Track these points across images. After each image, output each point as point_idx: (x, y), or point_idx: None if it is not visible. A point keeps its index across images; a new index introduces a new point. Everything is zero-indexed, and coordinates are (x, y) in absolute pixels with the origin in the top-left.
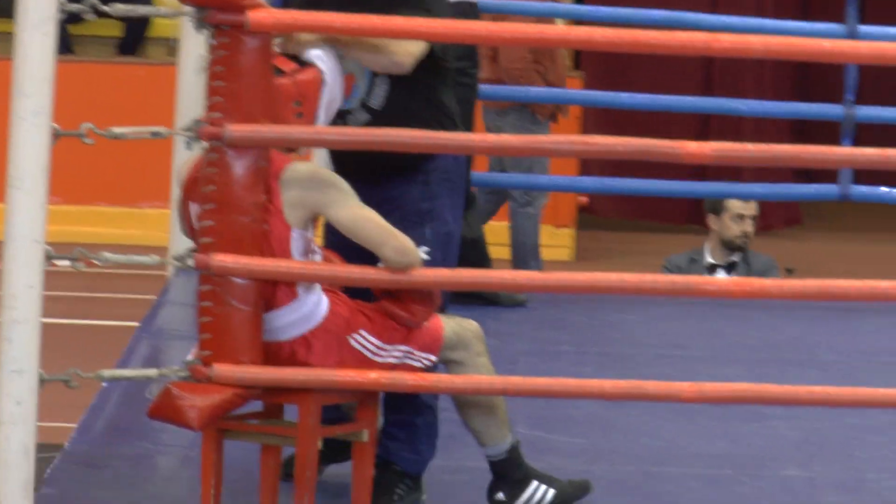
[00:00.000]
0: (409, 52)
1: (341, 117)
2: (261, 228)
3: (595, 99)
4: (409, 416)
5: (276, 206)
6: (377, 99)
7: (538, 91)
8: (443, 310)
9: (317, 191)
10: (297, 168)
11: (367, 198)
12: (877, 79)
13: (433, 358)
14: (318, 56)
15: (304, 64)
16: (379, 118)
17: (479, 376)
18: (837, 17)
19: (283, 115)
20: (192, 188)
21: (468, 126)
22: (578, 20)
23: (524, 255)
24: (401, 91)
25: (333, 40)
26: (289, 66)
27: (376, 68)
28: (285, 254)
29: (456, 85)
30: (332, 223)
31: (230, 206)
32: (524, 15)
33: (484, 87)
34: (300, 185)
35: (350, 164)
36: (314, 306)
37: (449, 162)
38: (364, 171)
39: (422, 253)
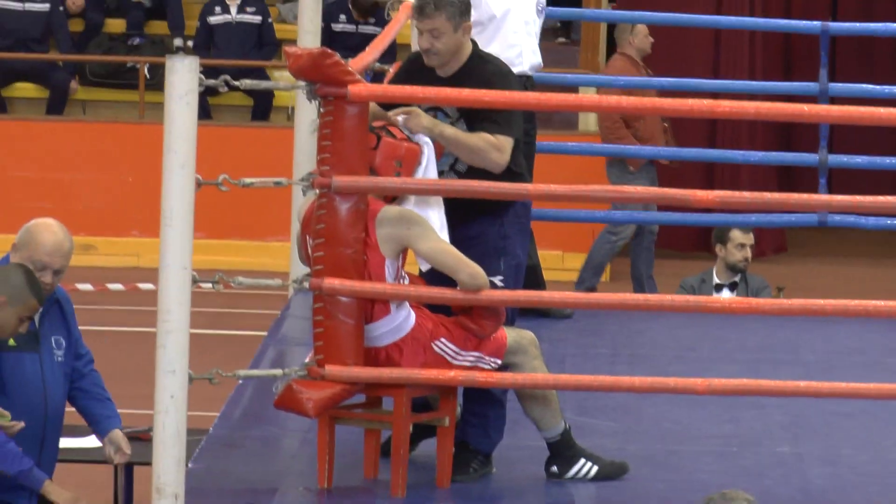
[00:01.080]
0: (503, 160)
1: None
2: (361, 258)
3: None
4: (482, 407)
5: (373, 240)
6: (463, 165)
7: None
8: (511, 323)
9: (404, 228)
10: (388, 210)
11: (455, 236)
12: (849, 129)
13: (498, 361)
14: (425, 141)
15: (411, 140)
16: (463, 178)
17: (536, 374)
18: (812, 76)
19: (385, 168)
20: (308, 225)
21: (531, 175)
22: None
23: (587, 266)
24: None
25: (442, 137)
26: (401, 135)
27: (477, 165)
28: (380, 278)
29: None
30: (417, 254)
31: (336, 240)
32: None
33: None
34: (391, 224)
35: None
36: (404, 320)
37: (518, 206)
38: (454, 214)
39: (497, 281)
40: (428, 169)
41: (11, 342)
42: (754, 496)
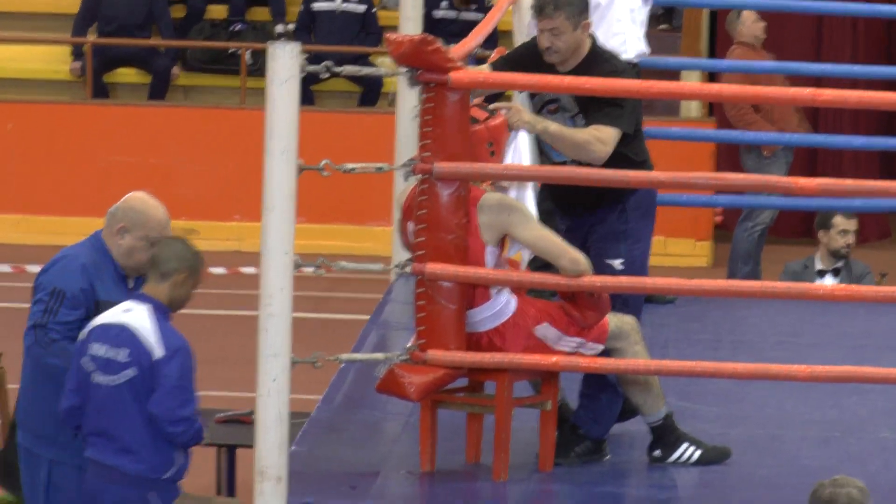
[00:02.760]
0: (605, 152)
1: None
2: (462, 244)
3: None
4: (596, 391)
5: (474, 226)
6: None
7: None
8: (637, 314)
9: (505, 214)
10: (489, 197)
11: (579, 223)
12: None
13: (600, 347)
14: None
15: (493, 113)
16: (583, 165)
17: (638, 359)
18: None
19: (480, 153)
20: (409, 211)
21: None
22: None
23: (735, 258)
24: None
25: (546, 133)
26: (482, 115)
27: (581, 159)
28: (480, 264)
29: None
30: (517, 240)
31: (438, 226)
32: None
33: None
34: (491, 211)
35: (567, 197)
36: (504, 305)
37: (642, 193)
38: (578, 202)
39: (617, 264)
40: (520, 152)
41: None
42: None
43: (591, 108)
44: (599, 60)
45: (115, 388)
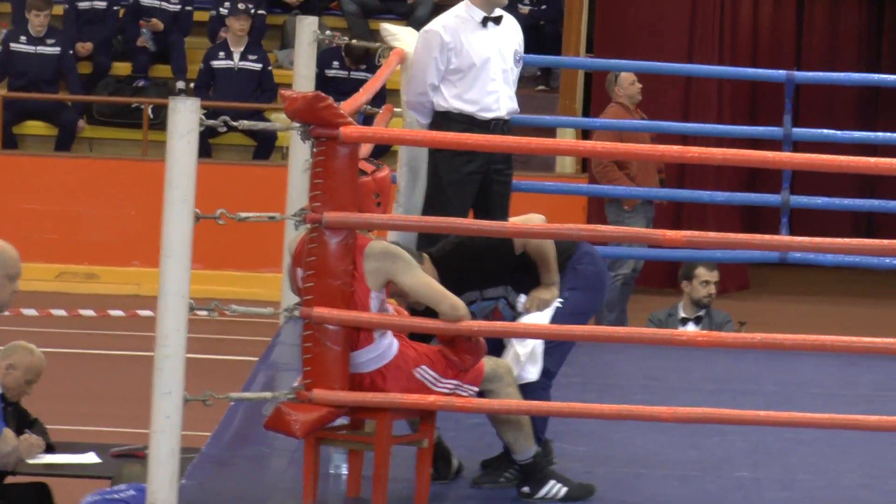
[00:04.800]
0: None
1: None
2: (348, 289)
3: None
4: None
5: (360, 273)
6: (513, 294)
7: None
8: (552, 377)
9: (389, 262)
10: (374, 245)
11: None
12: (810, 172)
13: (476, 389)
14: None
15: (379, 167)
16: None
17: (510, 400)
18: (777, 121)
19: (367, 205)
20: (298, 257)
21: (504, 216)
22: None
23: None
24: None
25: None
26: (369, 168)
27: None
28: (366, 309)
29: (496, 183)
30: (400, 287)
31: (326, 272)
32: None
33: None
34: (376, 258)
35: None
36: (387, 348)
37: (589, 267)
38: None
39: (557, 302)
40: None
41: None
42: None
43: (495, 262)
44: (443, 257)
45: None
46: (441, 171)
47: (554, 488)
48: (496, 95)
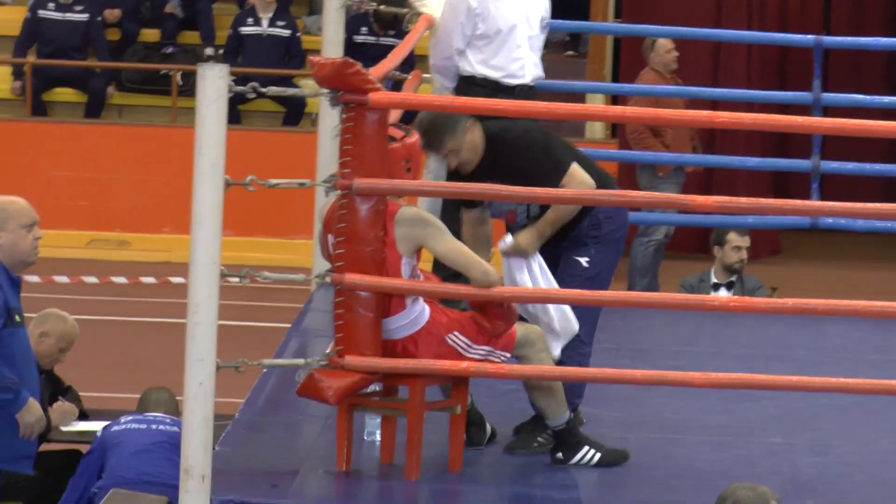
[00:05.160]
0: (590, 183)
1: (518, 230)
2: (380, 256)
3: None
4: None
5: (391, 239)
6: (535, 209)
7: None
8: (594, 320)
9: (420, 228)
10: (405, 211)
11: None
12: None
13: (507, 355)
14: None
15: (409, 132)
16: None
17: (543, 366)
18: (807, 86)
19: (397, 171)
20: (329, 224)
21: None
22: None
23: (633, 272)
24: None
25: (546, 236)
26: (399, 134)
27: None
28: (397, 275)
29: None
30: (432, 252)
31: (357, 238)
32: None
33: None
34: (407, 224)
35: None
36: (419, 314)
37: (613, 210)
38: None
39: (583, 262)
40: (542, 274)
41: (17, 318)
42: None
43: (536, 179)
44: (496, 141)
45: None
46: None
47: (588, 454)
48: (521, 62)
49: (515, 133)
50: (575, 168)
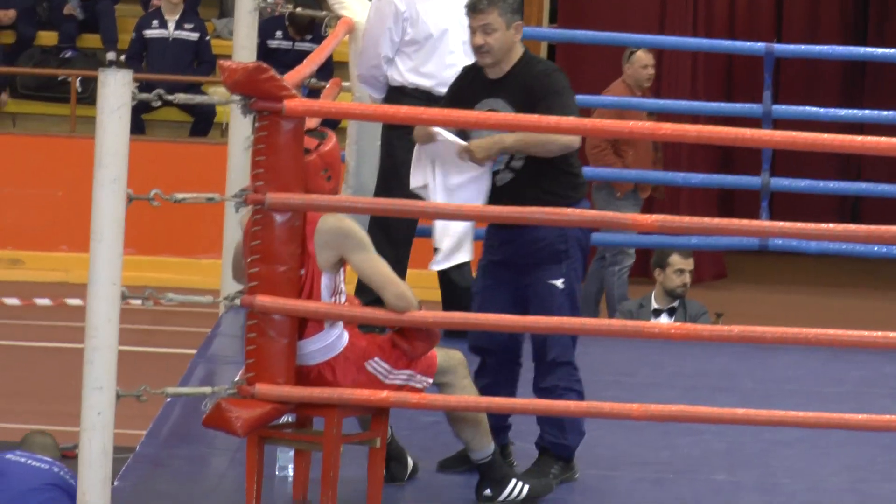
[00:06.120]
0: (575, 139)
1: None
2: (296, 273)
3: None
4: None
5: (311, 251)
6: (518, 161)
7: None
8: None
9: (340, 238)
10: (326, 220)
11: (518, 239)
12: (791, 152)
13: (429, 380)
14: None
15: (322, 137)
16: (519, 175)
17: (467, 396)
18: (755, 97)
19: (316, 182)
20: (248, 236)
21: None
22: None
23: (612, 305)
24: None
25: (508, 149)
26: (312, 143)
27: (548, 154)
28: (317, 291)
29: None
30: (350, 265)
31: (271, 256)
32: None
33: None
34: (327, 234)
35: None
36: (336, 338)
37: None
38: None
39: (559, 284)
40: (482, 180)
41: None
42: None
43: (530, 108)
44: (532, 62)
45: None
46: (395, 151)
47: (516, 487)
48: (455, 69)
49: (549, 66)
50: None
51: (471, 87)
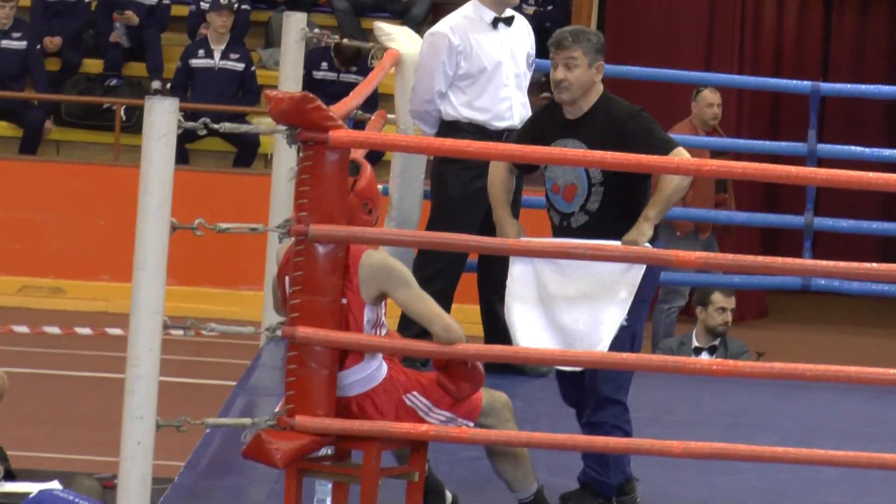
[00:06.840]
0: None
1: (565, 218)
2: (338, 304)
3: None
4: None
5: (354, 284)
6: (594, 203)
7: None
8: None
9: (384, 274)
10: (371, 255)
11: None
12: (836, 192)
13: (471, 424)
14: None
15: (356, 170)
16: (593, 217)
17: (509, 431)
18: (801, 135)
19: (358, 217)
20: (286, 266)
21: None
22: None
23: (656, 341)
24: (614, 198)
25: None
26: (349, 181)
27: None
28: (358, 323)
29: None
30: (395, 301)
31: (313, 287)
32: None
33: None
34: (372, 269)
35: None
36: (376, 370)
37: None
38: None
39: (623, 322)
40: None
41: None
42: None
43: (632, 150)
44: (612, 102)
45: None
46: (450, 186)
47: None
48: (509, 102)
49: (631, 108)
50: (682, 150)
51: (547, 126)
